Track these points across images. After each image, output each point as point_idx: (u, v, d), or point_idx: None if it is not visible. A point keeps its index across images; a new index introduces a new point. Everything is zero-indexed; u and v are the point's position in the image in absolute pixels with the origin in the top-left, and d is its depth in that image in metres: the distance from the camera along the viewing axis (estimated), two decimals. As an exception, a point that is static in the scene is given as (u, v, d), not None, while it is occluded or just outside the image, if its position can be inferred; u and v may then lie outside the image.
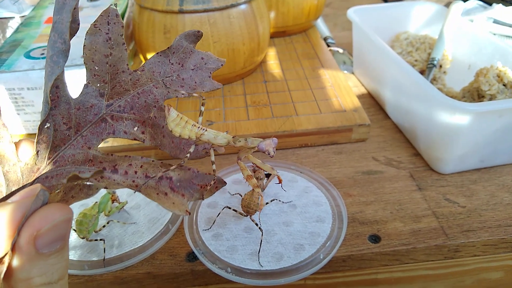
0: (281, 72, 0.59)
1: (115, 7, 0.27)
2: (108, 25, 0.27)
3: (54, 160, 0.25)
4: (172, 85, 0.29)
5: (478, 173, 0.44)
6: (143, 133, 0.27)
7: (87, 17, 0.55)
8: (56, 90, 0.24)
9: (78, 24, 0.25)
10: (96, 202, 0.37)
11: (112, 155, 0.26)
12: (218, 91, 0.55)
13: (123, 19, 0.57)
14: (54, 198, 0.23)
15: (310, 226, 0.37)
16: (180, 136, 0.27)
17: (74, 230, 0.36)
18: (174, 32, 0.50)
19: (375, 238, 0.37)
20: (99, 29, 0.27)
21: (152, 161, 0.27)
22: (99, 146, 0.27)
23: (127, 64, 0.28)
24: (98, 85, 0.27)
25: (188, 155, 0.28)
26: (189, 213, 0.26)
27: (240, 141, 0.28)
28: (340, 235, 0.36)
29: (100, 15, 0.27)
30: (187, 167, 0.28)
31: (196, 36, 0.30)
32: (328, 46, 0.69)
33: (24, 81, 0.44)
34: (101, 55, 0.27)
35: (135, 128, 0.27)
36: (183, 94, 0.28)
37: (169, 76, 0.29)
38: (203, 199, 0.27)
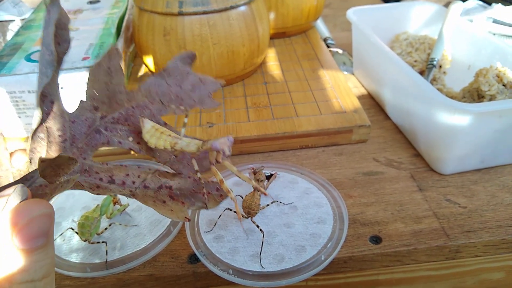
0: (281, 73, 0.59)
1: (117, 48, 0.29)
2: (110, 60, 0.28)
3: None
4: (170, 103, 0.29)
5: (479, 173, 0.44)
6: (138, 143, 0.28)
7: (87, 20, 0.56)
8: (50, 104, 0.25)
9: (67, 31, 0.25)
10: (98, 204, 0.37)
11: (107, 164, 0.27)
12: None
13: (122, 21, 0.57)
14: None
15: (311, 227, 0.37)
16: (155, 146, 0.27)
17: (76, 232, 0.36)
18: (174, 34, 0.50)
19: (376, 239, 0.37)
20: (102, 65, 0.28)
21: (149, 169, 0.27)
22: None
23: (124, 86, 0.29)
24: (95, 104, 0.28)
25: (198, 172, 0.28)
26: (189, 220, 0.26)
27: (205, 145, 0.28)
28: (341, 236, 0.36)
29: (103, 56, 0.29)
30: (188, 175, 0.28)
31: (191, 58, 0.31)
32: (328, 47, 0.69)
33: (25, 84, 0.44)
34: (101, 83, 0.28)
35: (130, 138, 0.27)
36: (181, 110, 0.29)
37: (166, 96, 0.29)
38: (206, 208, 0.27)
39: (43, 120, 0.25)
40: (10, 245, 0.19)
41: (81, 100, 0.28)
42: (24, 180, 0.24)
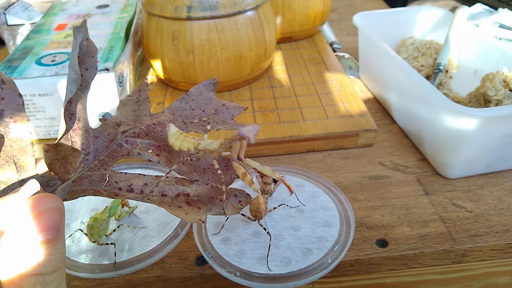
0: (288, 77, 0.59)
1: (147, 82, 0.31)
2: (139, 92, 0.31)
3: (72, 179, 0.26)
4: (194, 127, 0.30)
5: (485, 178, 0.44)
6: (158, 155, 0.29)
7: (96, 24, 0.56)
8: (77, 122, 0.26)
9: (95, 58, 0.27)
10: (106, 206, 0.38)
11: (126, 173, 0.27)
12: (225, 96, 0.55)
13: (131, 26, 0.58)
14: None
15: (318, 230, 0.37)
16: (179, 149, 0.28)
17: (85, 234, 0.36)
18: (182, 38, 0.51)
19: (382, 243, 0.37)
20: (132, 97, 0.31)
21: (167, 177, 0.27)
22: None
23: (149, 111, 0.31)
24: (118, 122, 0.30)
25: (218, 169, 0.28)
26: (203, 222, 0.26)
27: (229, 139, 0.28)
28: (348, 239, 0.36)
29: (134, 89, 0.31)
30: (205, 183, 0.28)
31: (214, 84, 0.32)
32: (334, 51, 0.70)
33: (36, 88, 0.45)
34: (130, 110, 0.30)
35: (149, 151, 0.28)
36: (203, 131, 0.30)
37: (189, 118, 0.31)
38: (225, 214, 0.27)
39: (67, 133, 0.26)
40: (20, 236, 0.20)
41: (105, 119, 0.30)
42: (46, 186, 0.25)
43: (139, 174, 0.28)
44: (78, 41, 0.26)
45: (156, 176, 0.28)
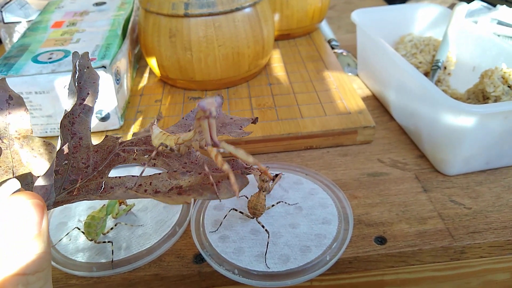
0: (286, 74, 0.59)
1: (154, 122, 0.32)
2: (151, 126, 0.32)
3: (68, 191, 0.26)
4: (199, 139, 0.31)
5: (484, 174, 0.44)
6: (154, 159, 0.29)
7: (93, 21, 0.56)
8: (79, 140, 0.27)
9: (96, 85, 0.29)
10: (104, 204, 0.37)
11: (120, 177, 0.27)
12: (223, 94, 0.55)
13: (128, 23, 0.57)
14: None
15: (316, 228, 0.37)
16: (162, 149, 0.29)
17: (82, 232, 0.36)
18: (180, 36, 0.51)
19: (381, 240, 0.37)
20: (146, 130, 0.33)
21: (159, 174, 0.27)
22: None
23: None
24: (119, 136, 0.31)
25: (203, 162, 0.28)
26: (188, 203, 0.26)
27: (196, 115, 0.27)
28: (346, 236, 0.36)
29: (147, 127, 0.33)
30: (198, 172, 0.28)
31: (220, 99, 0.32)
32: (332, 48, 0.70)
33: (32, 85, 0.44)
34: (140, 136, 0.32)
35: (146, 156, 0.29)
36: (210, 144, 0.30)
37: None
38: (219, 198, 0.25)
39: (72, 154, 0.27)
40: (0, 235, 0.19)
41: (106, 135, 0.30)
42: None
43: (132, 176, 0.28)
44: (75, 62, 0.27)
45: (149, 175, 0.28)
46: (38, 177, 0.25)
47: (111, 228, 0.38)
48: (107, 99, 0.47)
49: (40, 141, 0.26)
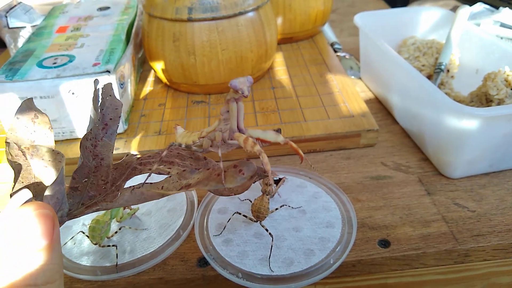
0: (289, 78, 0.59)
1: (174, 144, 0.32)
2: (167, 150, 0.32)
3: (87, 206, 0.27)
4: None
5: (487, 177, 0.44)
6: (169, 168, 0.29)
7: (98, 26, 0.56)
8: (100, 161, 0.28)
9: (119, 110, 0.29)
10: (108, 208, 0.38)
11: (134, 188, 0.29)
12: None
13: (132, 28, 0.58)
14: None
15: (320, 231, 0.37)
16: (186, 144, 0.29)
17: (87, 236, 0.37)
18: (183, 40, 0.51)
19: (384, 243, 0.37)
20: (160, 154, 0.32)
21: (170, 177, 0.28)
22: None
23: None
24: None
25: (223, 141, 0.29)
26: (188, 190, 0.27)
27: (227, 96, 0.27)
28: (350, 240, 0.36)
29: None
30: (206, 168, 0.28)
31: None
32: (335, 51, 0.70)
33: (37, 90, 0.45)
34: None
35: (161, 166, 0.29)
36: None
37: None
38: (224, 186, 0.25)
39: (93, 173, 0.28)
40: (10, 245, 0.19)
41: (126, 154, 0.31)
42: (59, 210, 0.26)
43: (146, 183, 0.28)
44: (96, 89, 0.29)
45: (160, 181, 0.28)
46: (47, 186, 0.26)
47: (116, 232, 0.38)
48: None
49: (49, 150, 0.27)
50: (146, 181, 0.28)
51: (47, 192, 0.24)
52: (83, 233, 0.38)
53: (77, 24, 0.58)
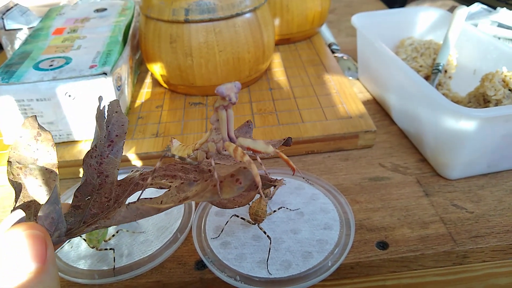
0: (286, 79, 0.59)
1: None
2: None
3: (88, 224, 0.26)
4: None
5: (485, 178, 0.44)
6: (171, 182, 0.29)
7: (94, 28, 0.56)
8: (105, 178, 0.28)
9: (125, 127, 0.29)
10: (105, 211, 0.37)
11: (134, 203, 0.28)
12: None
13: (129, 29, 0.58)
14: None
15: (318, 233, 0.37)
16: (180, 157, 0.29)
17: (84, 239, 0.36)
18: (180, 41, 0.51)
19: (383, 245, 0.37)
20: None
21: (168, 190, 0.28)
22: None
23: None
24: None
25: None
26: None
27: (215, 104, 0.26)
28: (348, 242, 0.36)
29: None
30: (204, 179, 0.28)
31: (249, 127, 0.34)
32: (333, 52, 0.70)
33: (34, 93, 0.44)
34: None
35: (163, 180, 0.29)
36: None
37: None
38: (220, 197, 0.24)
39: (97, 190, 0.28)
40: (1, 268, 0.18)
41: (132, 170, 0.31)
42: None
43: (144, 198, 0.28)
44: (100, 106, 0.29)
45: (160, 196, 0.28)
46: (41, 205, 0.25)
47: (113, 235, 0.38)
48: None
49: (42, 169, 0.27)
50: (145, 197, 0.28)
51: (40, 212, 0.23)
52: (80, 236, 0.37)
53: (73, 25, 0.58)
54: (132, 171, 0.31)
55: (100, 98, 0.29)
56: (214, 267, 0.34)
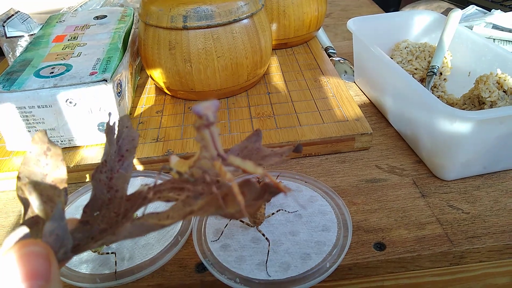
0: (284, 83, 0.60)
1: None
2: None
3: (96, 240, 0.26)
4: None
5: (481, 179, 0.44)
6: (178, 195, 0.29)
7: (94, 35, 0.57)
8: (115, 193, 0.28)
9: (135, 142, 0.29)
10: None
11: (142, 217, 0.28)
12: (223, 104, 0.56)
13: (129, 36, 0.58)
14: None
15: (316, 235, 0.37)
16: (179, 175, 0.29)
17: (86, 244, 0.37)
18: (179, 48, 0.51)
19: (380, 246, 0.37)
20: None
21: (175, 204, 0.28)
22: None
23: None
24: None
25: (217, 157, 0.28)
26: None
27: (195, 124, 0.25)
28: (346, 243, 0.36)
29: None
30: (210, 192, 0.27)
31: (258, 135, 0.32)
32: (330, 56, 0.70)
33: (35, 100, 0.45)
34: None
35: (170, 194, 0.29)
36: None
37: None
38: (224, 212, 0.23)
39: (107, 205, 0.28)
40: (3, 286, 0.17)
41: (142, 185, 0.31)
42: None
43: (151, 213, 0.28)
44: (109, 122, 0.29)
45: (167, 209, 0.28)
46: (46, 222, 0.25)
47: (114, 239, 0.38)
48: (108, 112, 0.47)
49: (46, 186, 0.27)
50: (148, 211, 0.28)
51: (44, 229, 0.23)
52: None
53: (74, 33, 0.58)
54: (140, 186, 0.31)
55: (110, 114, 0.30)
56: (214, 270, 0.35)
